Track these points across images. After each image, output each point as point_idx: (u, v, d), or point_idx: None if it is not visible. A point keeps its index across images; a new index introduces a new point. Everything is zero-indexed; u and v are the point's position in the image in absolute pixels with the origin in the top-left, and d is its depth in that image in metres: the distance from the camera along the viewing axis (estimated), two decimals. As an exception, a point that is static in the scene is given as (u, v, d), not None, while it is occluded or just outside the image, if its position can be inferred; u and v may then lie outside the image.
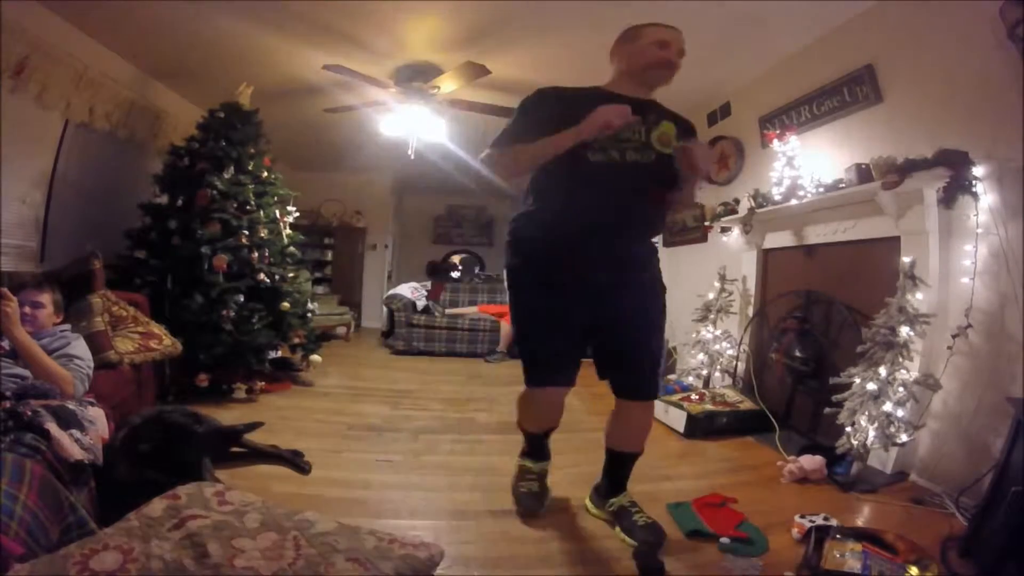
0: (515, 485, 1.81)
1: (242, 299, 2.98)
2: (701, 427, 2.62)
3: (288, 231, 3.49)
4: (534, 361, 1.64)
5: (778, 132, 2.92)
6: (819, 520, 1.57)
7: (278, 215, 3.39)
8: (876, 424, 1.97)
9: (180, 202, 3.11)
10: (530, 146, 1.49)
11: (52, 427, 1.26)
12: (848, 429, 2.05)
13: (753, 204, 3.01)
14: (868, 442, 2.00)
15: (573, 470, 2.15)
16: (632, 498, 1.70)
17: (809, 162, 2.77)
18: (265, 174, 3.33)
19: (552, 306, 1.55)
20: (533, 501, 1.75)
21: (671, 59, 1.57)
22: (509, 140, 1.59)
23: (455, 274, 7.72)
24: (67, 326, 1.87)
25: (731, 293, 3.35)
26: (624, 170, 1.47)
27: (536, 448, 1.84)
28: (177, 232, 2.94)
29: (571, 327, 1.56)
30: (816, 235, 2.74)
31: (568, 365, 1.61)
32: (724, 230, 3.52)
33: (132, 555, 0.98)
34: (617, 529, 1.62)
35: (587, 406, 3.26)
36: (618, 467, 1.72)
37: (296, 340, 3.40)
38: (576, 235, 1.48)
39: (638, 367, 1.60)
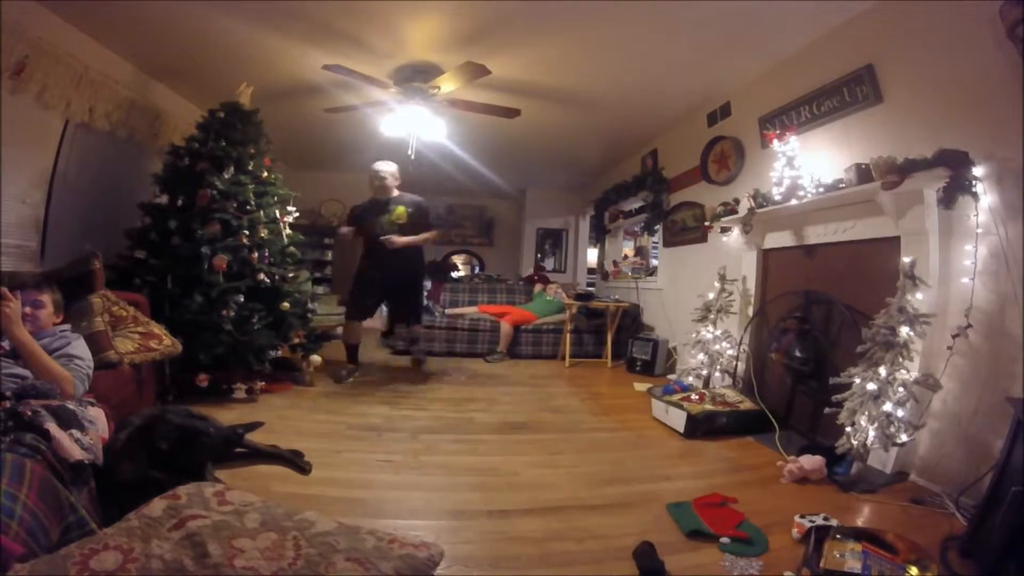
0: (339, 371, 3.62)
1: (242, 299, 2.97)
2: (701, 427, 2.61)
3: (288, 231, 3.48)
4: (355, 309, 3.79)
5: (778, 132, 2.92)
6: (819, 520, 1.57)
7: (278, 215, 3.38)
8: (876, 424, 1.97)
9: (180, 202, 3.10)
10: (349, 232, 3.75)
11: (52, 427, 1.26)
12: (848, 429, 2.05)
13: (753, 204, 3.01)
14: (868, 442, 2.00)
15: (574, 470, 2.16)
16: (419, 350, 4.15)
17: (809, 162, 2.77)
18: (265, 174, 3.33)
19: (368, 285, 3.72)
20: (342, 378, 3.52)
21: (380, 186, 3.70)
22: (348, 223, 3.82)
23: (455, 274, 7.71)
24: (67, 326, 1.87)
25: (731, 293, 3.35)
26: (386, 231, 3.54)
27: (352, 356, 3.81)
28: (177, 232, 2.94)
29: (371, 295, 3.78)
30: (816, 235, 2.74)
31: (367, 312, 3.82)
32: (724, 230, 3.52)
33: (132, 555, 0.98)
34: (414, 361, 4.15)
35: (587, 406, 3.26)
36: (414, 342, 4.10)
37: (296, 340, 3.40)
38: (378, 258, 3.62)
39: (412, 311, 3.94)
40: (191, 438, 1.76)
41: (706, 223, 3.81)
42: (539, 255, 8.20)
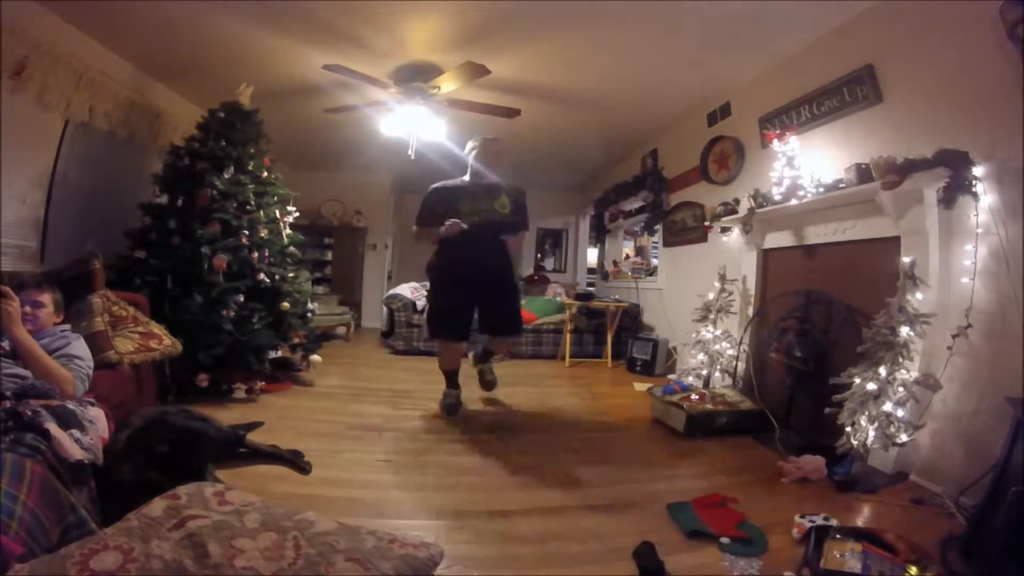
0: (441, 401, 2.95)
1: (242, 299, 2.98)
2: (701, 427, 2.61)
3: (288, 231, 3.48)
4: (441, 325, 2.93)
5: (778, 132, 2.92)
6: (819, 520, 1.57)
7: (278, 215, 3.39)
8: (876, 424, 1.97)
9: (180, 202, 3.11)
10: (431, 230, 2.76)
11: (52, 427, 1.26)
12: (848, 429, 2.05)
13: (753, 204, 3.01)
14: (868, 442, 2.00)
15: (574, 469, 2.15)
16: (491, 366, 3.16)
17: (809, 162, 2.77)
18: (265, 174, 3.33)
19: (459, 289, 2.81)
20: (452, 409, 2.89)
21: (491, 159, 2.86)
22: (422, 220, 2.84)
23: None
24: (67, 326, 1.87)
25: (731, 293, 3.35)
26: (483, 224, 2.73)
27: (452, 380, 3.03)
28: (177, 232, 2.94)
29: (465, 302, 2.85)
30: (816, 235, 2.74)
31: (466, 326, 2.90)
32: (724, 230, 3.52)
33: (132, 555, 0.98)
34: (479, 380, 3.13)
35: (587, 406, 3.26)
36: (488, 355, 3.17)
37: (296, 340, 3.40)
38: (470, 253, 2.74)
39: (513, 318, 2.98)
40: (191, 441, 1.76)
41: (706, 223, 3.81)
42: (539, 255, 8.20)
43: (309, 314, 3.59)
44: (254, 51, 3.34)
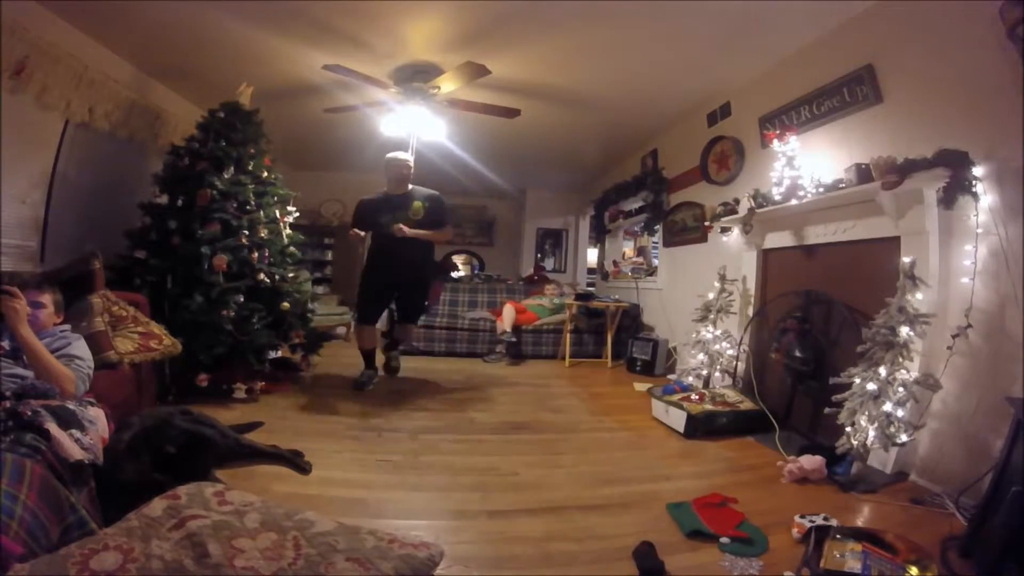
0: (357, 378, 3.42)
1: (242, 299, 2.97)
2: (701, 427, 2.61)
3: (288, 231, 3.48)
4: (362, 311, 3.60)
5: (778, 132, 2.92)
6: (819, 520, 1.58)
7: (278, 215, 3.38)
8: (876, 424, 1.97)
9: (180, 202, 3.10)
10: (359, 232, 3.41)
11: (52, 427, 1.26)
12: (848, 429, 2.05)
13: (753, 204, 3.01)
14: (868, 442, 2.00)
15: (574, 469, 2.16)
16: (397, 354, 3.78)
17: (809, 162, 2.77)
18: (265, 174, 3.32)
19: (376, 283, 3.53)
20: (360, 385, 3.33)
21: (400, 177, 3.45)
22: (354, 224, 3.47)
23: (455, 274, 7.71)
24: (67, 326, 1.87)
25: (731, 293, 3.35)
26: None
27: (368, 360, 3.57)
28: (177, 232, 2.94)
29: (380, 294, 3.60)
30: (816, 235, 2.74)
31: (377, 313, 3.72)
32: (724, 230, 3.52)
33: (132, 555, 0.98)
34: (386, 363, 3.73)
35: (587, 406, 3.26)
36: (395, 344, 3.82)
37: (296, 340, 3.40)
38: (387, 254, 3.42)
39: (411, 309, 3.73)
40: (198, 445, 1.76)
41: (706, 223, 3.82)
42: (539, 255, 8.20)
43: (309, 314, 3.59)
44: (254, 51, 3.34)
